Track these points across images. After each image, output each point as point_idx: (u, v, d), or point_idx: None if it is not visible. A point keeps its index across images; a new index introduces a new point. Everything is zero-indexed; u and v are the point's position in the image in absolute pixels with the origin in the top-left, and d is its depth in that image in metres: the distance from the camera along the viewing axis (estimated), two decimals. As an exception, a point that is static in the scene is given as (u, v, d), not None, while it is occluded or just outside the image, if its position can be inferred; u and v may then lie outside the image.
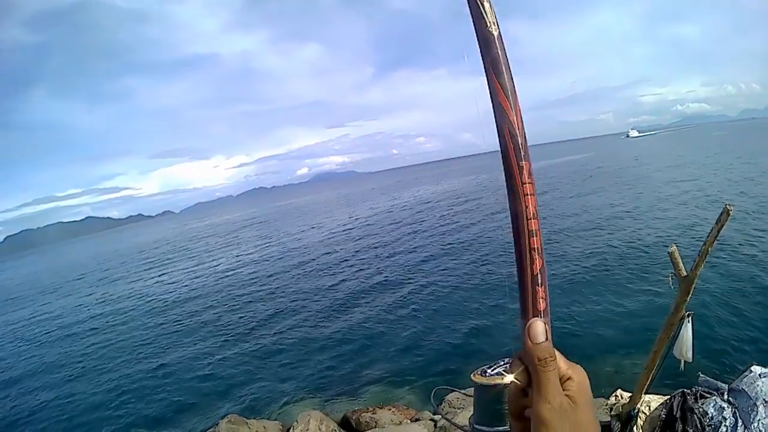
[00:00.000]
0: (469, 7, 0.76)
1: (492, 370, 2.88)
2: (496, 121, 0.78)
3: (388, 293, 17.21)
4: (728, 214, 3.55)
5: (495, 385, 2.77)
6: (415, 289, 16.99)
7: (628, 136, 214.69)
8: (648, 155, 66.99)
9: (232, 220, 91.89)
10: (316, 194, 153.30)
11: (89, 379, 14.53)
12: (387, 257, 23.28)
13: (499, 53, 0.76)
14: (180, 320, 19.20)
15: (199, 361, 14.00)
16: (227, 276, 26.84)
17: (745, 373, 5.50)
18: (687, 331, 4.33)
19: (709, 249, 3.76)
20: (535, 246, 0.78)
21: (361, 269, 21.77)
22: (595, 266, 15.53)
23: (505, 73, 0.76)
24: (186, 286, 26.62)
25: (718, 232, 3.65)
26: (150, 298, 25.03)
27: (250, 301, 19.77)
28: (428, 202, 48.76)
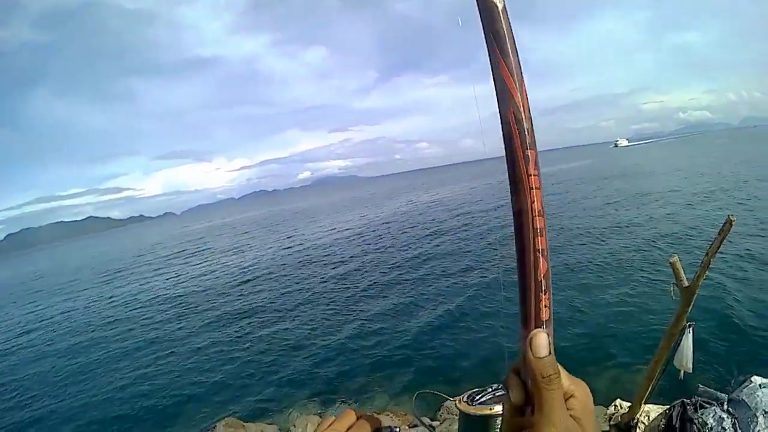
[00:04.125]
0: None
1: (481, 397, 2.33)
2: (498, 105, 0.68)
3: (385, 299, 17.18)
4: (731, 225, 3.53)
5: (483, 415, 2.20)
6: (413, 295, 17.00)
7: (616, 145, 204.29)
8: (649, 163, 66.74)
9: (233, 223, 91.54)
10: (318, 198, 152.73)
11: (83, 380, 14.51)
12: (384, 263, 23.20)
13: (504, 27, 0.67)
14: (179, 322, 19.15)
15: (196, 364, 13.97)
16: (227, 279, 26.75)
17: (745, 384, 5.49)
18: (688, 341, 4.32)
19: (711, 260, 3.74)
20: (541, 247, 0.66)
21: (360, 275, 21.69)
22: (594, 272, 15.64)
23: (510, 50, 0.67)
24: (185, 288, 26.54)
25: (721, 242, 3.62)
26: (148, 300, 24.99)
27: (251, 305, 19.68)
28: (429, 206, 49.16)
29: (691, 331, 4.28)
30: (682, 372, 4.50)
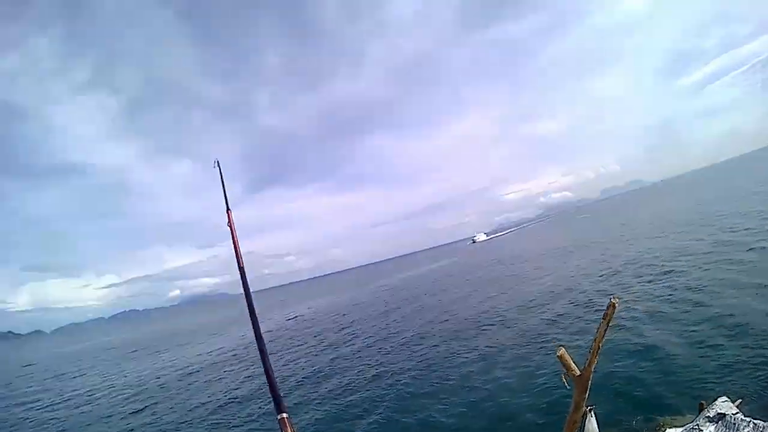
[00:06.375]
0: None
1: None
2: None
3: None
4: (614, 308, 3.75)
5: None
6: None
7: (473, 241, 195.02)
8: (510, 254, 68.48)
9: (105, 345, 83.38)
10: (189, 318, 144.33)
11: None
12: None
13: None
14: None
15: None
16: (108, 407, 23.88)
17: None
18: (592, 424, 4.42)
19: (600, 345, 3.92)
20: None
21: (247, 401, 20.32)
22: (485, 372, 15.56)
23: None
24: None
25: (607, 326, 3.83)
26: None
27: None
28: (298, 323, 48.31)
29: (593, 415, 4.38)
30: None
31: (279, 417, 2.55)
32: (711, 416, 5.52)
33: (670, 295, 18.51)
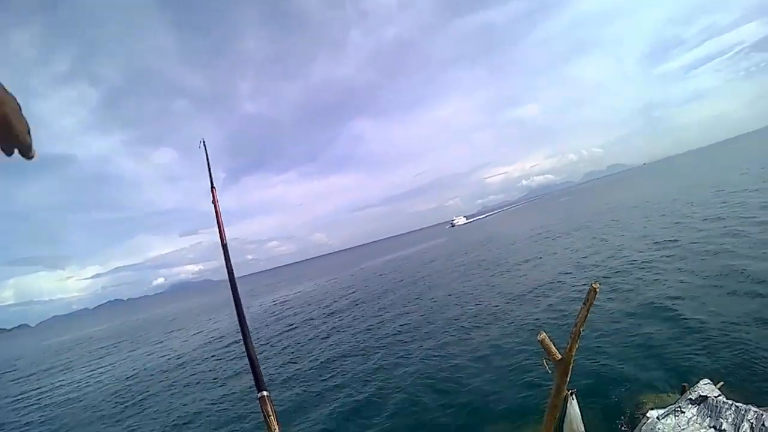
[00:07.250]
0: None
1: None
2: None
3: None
4: (595, 292, 3.75)
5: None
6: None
7: (452, 225, 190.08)
8: (486, 238, 69.65)
9: (92, 335, 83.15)
10: (174, 305, 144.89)
11: None
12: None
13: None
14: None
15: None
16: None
17: (643, 421, 5.72)
18: (573, 408, 4.49)
19: (581, 329, 3.94)
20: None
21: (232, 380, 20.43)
22: (468, 360, 15.26)
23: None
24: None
25: (588, 311, 3.83)
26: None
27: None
28: (281, 308, 48.17)
29: (575, 398, 4.44)
30: (574, 439, 4.60)
31: (259, 395, 2.59)
32: (693, 398, 5.60)
33: (647, 276, 18.97)
